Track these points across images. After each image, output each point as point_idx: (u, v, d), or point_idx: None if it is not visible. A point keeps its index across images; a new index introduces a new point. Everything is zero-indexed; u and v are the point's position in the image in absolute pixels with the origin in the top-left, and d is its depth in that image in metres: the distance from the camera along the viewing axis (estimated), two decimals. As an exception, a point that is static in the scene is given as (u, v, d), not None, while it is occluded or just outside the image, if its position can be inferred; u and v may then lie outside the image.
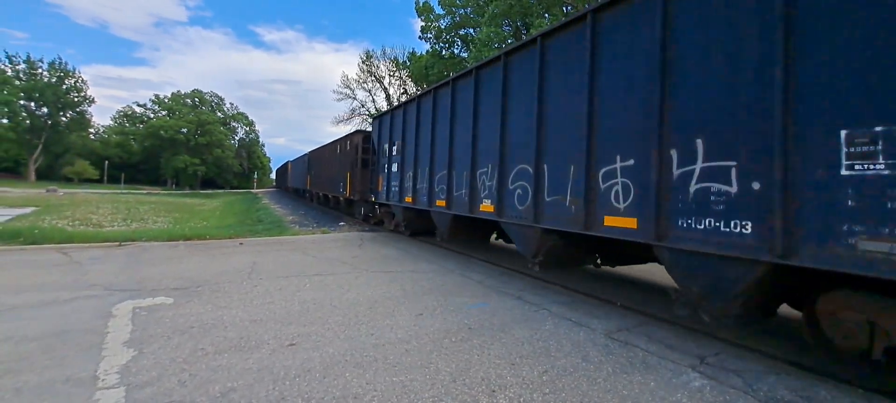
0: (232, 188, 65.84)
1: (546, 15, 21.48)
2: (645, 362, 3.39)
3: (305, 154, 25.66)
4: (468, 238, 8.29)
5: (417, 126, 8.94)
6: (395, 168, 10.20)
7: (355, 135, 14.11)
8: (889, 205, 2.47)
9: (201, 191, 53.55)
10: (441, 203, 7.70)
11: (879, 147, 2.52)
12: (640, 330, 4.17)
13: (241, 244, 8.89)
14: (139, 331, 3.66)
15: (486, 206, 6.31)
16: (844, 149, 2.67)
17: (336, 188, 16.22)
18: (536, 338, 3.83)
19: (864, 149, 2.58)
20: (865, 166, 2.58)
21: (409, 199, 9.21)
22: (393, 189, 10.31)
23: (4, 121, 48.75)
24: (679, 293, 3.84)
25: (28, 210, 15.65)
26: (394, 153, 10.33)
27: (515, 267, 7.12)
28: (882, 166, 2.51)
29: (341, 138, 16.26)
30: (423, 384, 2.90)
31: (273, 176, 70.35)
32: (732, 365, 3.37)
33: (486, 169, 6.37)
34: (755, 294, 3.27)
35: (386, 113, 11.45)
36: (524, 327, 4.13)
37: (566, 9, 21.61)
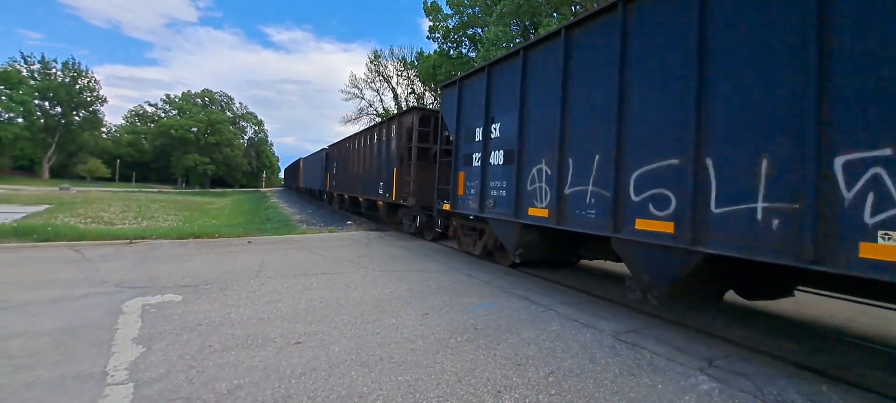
0: (241, 187, 66.47)
1: (555, 14, 21.38)
2: (652, 364, 3.36)
3: (323, 149, 22.81)
4: (710, 296, 4.59)
5: (566, 81, 5.23)
6: (497, 159, 6.68)
7: (407, 116, 10.42)
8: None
9: (211, 190, 54.15)
10: (658, 225, 3.94)
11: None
12: (648, 331, 4.13)
13: (249, 242, 8.96)
14: (148, 328, 3.70)
15: None
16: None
17: (372, 189, 12.63)
18: (543, 339, 3.81)
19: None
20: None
21: (539, 212, 5.55)
22: (493, 193, 6.73)
23: (20, 120, 49.64)
24: None
25: (42, 208, 15.93)
26: (494, 134, 6.80)
27: (521, 267, 7.08)
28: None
29: (382, 122, 12.73)
30: (428, 384, 2.90)
31: (282, 175, 70.84)
32: (742, 368, 3.32)
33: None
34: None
35: (474, 73, 7.60)
36: (531, 328, 4.11)
37: (574, 8, 21.48)
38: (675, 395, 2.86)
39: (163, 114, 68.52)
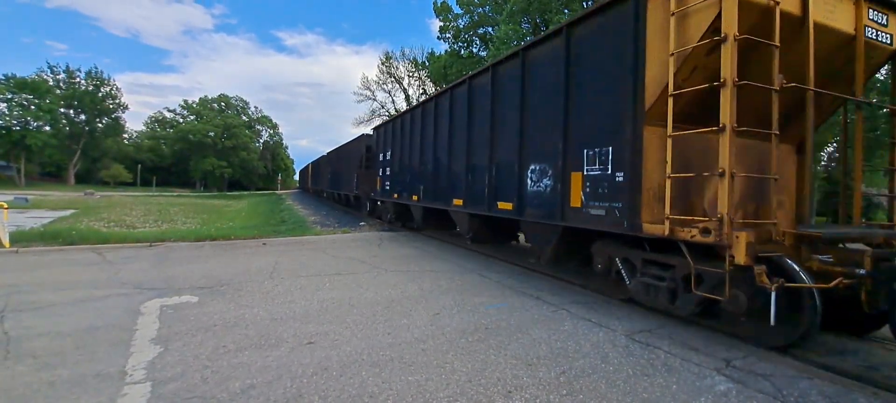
0: (257, 189, 67.56)
1: (566, 11, 21.16)
2: (667, 364, 3.29)
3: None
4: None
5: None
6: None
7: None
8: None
9: (228, 193, 55.17)
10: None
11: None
12: (662, 331, 4.05)
13: (264, 244, 9.10)
14: (165, 329, 3.79)
15: None
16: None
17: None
18: (554, 339, 3.77)
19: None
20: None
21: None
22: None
23: (47, 128, 51.38)
24: None
25: (68, 212, 16.46)
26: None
27: (534, 266, 7.03)
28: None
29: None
30: (438, 384, 2.89)
31: (297, 177, 71.82)
32: (761, 369, 3.23)
33: None
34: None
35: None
36: (542, 327, 4.08)
37: (586, 4, 21.22)
38: (690, 396, 2.80)
39: (181, 120, 70.09)
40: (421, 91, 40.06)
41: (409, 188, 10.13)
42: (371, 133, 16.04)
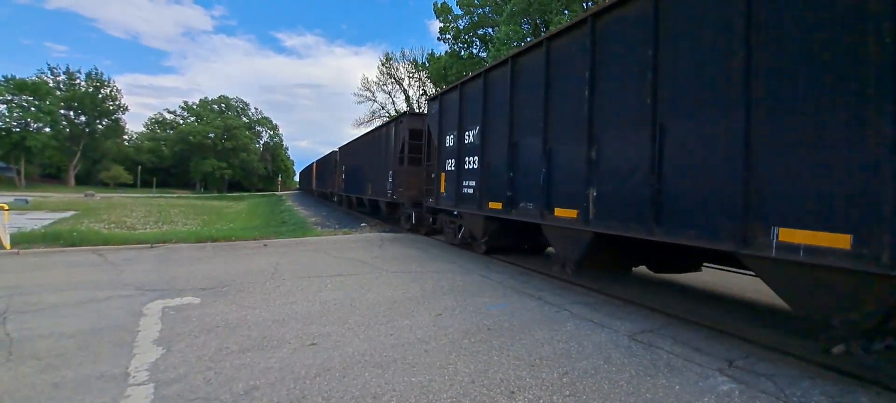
0: (257, 190, 67.57)
1: (566, 11, 21.20)
2: (670, 364, 3.29)
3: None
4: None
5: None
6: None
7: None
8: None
9: (228, 194, 55.18)
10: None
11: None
12: (665, 331, 4.05)
13: (265, 245, 9.10)
14: (168, 330, 3.79)
15: None
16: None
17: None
18: (557, 340, 3.78)
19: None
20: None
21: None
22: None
23: (47, 129, 51.44)
24: None
25: (68, 214, 16.48)
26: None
27: (535, 267, 7.03)
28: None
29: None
30: (441, 384, 2.90)
31: (297, 178, 71.77)
32: (763, 369, 3.24)
33: None
34: None
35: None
36: (544, 328, 4.08)
37: (586, 4, 21.25)
38: (694, 396, 2.80)
39: (181, 121, 70.16)
40: (421, 92, 40.13)
41: (541, 195, 5.62)
42: (417, 112, 11.85)
